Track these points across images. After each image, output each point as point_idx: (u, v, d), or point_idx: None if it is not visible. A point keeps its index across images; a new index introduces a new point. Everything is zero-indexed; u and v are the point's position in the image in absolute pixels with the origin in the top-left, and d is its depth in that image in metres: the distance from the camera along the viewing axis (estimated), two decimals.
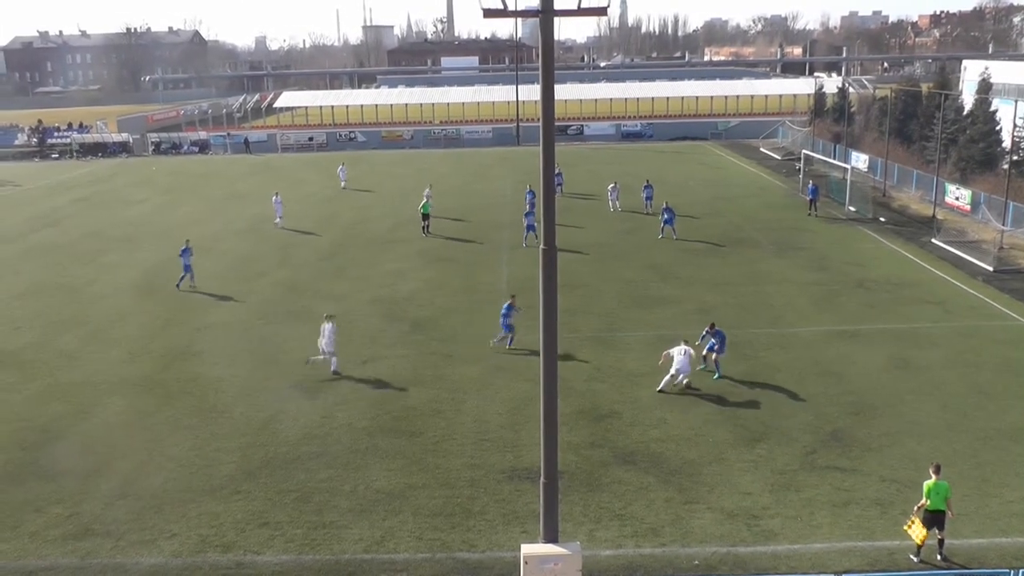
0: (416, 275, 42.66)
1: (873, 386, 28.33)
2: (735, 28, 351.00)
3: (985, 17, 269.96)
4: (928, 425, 25.44)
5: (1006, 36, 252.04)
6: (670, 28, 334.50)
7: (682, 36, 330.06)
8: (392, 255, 46.90)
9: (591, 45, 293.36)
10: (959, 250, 45.41)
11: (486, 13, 15.16)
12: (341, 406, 27.38)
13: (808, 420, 25.86)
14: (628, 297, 38.27)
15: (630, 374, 29.64)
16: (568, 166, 66.38)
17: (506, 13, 15.26)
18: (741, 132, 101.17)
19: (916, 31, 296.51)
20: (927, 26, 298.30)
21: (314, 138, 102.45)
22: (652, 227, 51.82)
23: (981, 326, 34.04)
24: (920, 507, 18.93)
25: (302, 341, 33.36)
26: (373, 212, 59.04)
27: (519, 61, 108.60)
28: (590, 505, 21.27)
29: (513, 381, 28.96)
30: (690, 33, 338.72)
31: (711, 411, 26.63)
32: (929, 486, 18.91)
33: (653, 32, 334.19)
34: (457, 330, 34.37)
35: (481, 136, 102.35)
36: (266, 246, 49.50)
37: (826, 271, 42.03)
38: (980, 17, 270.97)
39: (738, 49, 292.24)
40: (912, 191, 61.93)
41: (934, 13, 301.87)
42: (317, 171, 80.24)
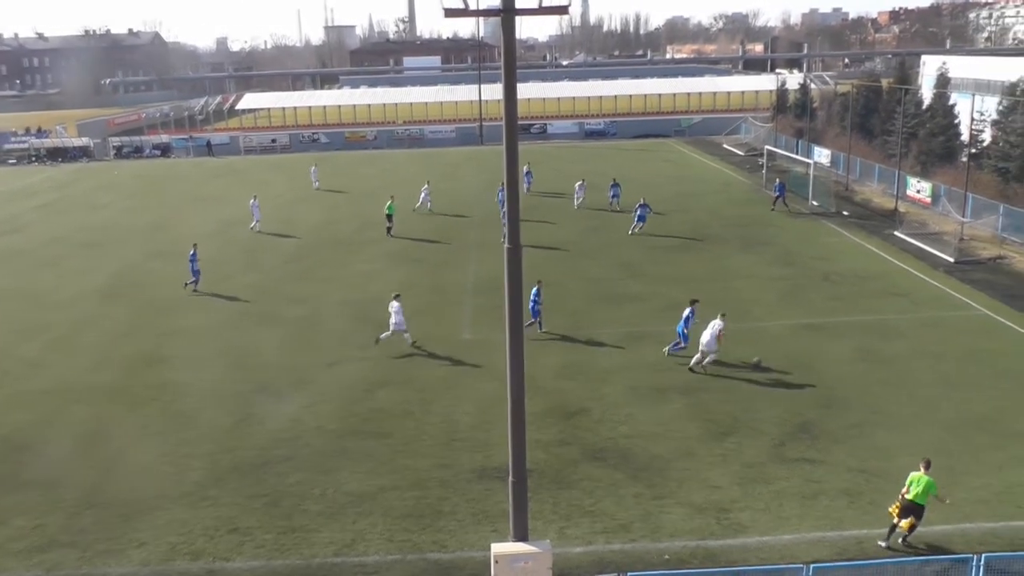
0: (385, 276, 42.50)
1: (840, 378, 28.56)
2: (697, 26, 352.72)
3: (942, 13, 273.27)
4: (895, 416, 25.68)
5: (963, 31, 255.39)
6: (632, 26, 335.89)
7: (644, 34, 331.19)
8: (361, 256, 46.71)
9: (553, 44, 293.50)
10: (921, 242, 45.90)
11: (447, 13, 15.11)
12: (310, 409, 27.24)
13: (776, 413, 26.03)
14: (595, 294, 38.34)
15: (598, 371, 29.70)
16: (533, 164, 66.36)
17: (467, 12, 15.21)
18: (704, 129, 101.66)
19: (876, 27, 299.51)
20: (886, 22, 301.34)
21: (277, 140, 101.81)
22: (619, 225, 51.97)
23: (945, 317, 34.43)
24: (903, 495, 19.18)
25: (270, 345, 33.20)
26: (341, 213, 58.79)
27: (481, 60, 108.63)
28: (560, 502, 21.29)
29: (482, 381, 28.93)
30: (652, 31, 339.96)
31: (680, 406, 26.73)
32: (912, 478, 19.16)
33: (615, 30, 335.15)
34: (426, 331, 34.27)
35: (445, 136, 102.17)
36: (233, 249, 49.15)
37: (792, 265, 42.33)
38: (938, 13, 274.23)
39: (700, 47, 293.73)
40: (874, 185, 62.51)
41: (893, 9, 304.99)
42: (282, 173, 79.76)
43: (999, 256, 43.30)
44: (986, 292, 37.49)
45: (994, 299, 36.52)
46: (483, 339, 32.97)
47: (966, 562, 16.68)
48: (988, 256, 43.44)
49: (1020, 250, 44.18)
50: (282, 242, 50.64)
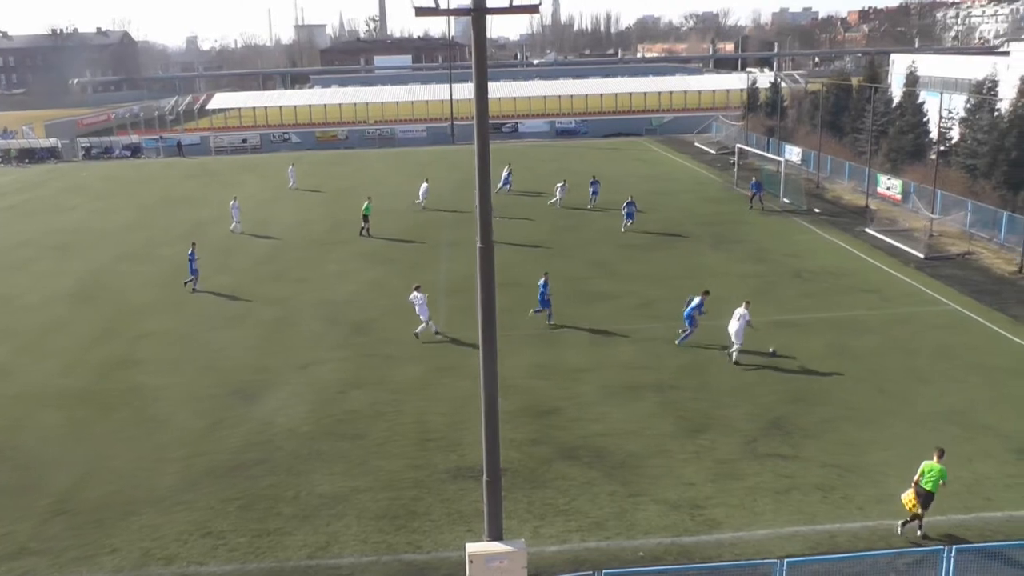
0: (357, 276, 42.40)
1: (812, 374, 28.77)
2: (667, 25, 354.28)
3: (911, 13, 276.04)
4: (866, 410, 25.91)
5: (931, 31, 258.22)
6: (603, 25, 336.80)
7: (615, 33, 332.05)
8: (334, 257, 46.56)
9: (524, 43, 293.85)
10: (892, 239, 46.30)
11: (418, 11, 15.11)
12: (282, 412, 27.12)
13: (749, 410, 26.18)
14: (568, 293, 38.36)
15: (571, 370, 29.76)
16: (504, 164, 66.34)
17: (438, 12, 15.21)
18: (676, 128, 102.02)
19: (845, 26, 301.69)
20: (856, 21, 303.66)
21: (248, 140, 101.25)
22: (593, 223, 52.13)
23: (915, 312, 34.74)
24: (915, 482, 19.49)
25: (243, 346, 33.02)
26: (313, 213, 58.54)
27: (452, 59, 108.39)
28: (534, 501, 21.32)
29: (455, 380, 28.91)
30: (623, 30, 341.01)
31: (653, 404, 26.83)
32: (925, 466, 19.47)
33: (586, 29, 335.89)
34: (398, 331, 34.21)
35: (416, 135, 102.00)
36: (205, 251, 48.56)
37: (764, 263, 42.57)
38: (906, 12, 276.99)
39: (671, 46, 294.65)
40: (845, 182, 62.97)
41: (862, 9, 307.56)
42: (253, 173, 79.33)
43: (967, 252, 43.73)
44: (955, 287, 37.87)
45: (963, 294, 36.90)
46: (456, 339, 32.94)
47: (937, 554, 16.85)
48: (957, 252, 43.86)
49: (988, 246, 44.66)
50: (255, 243, 50.37)
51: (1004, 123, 52.41)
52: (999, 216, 45.34)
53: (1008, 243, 43.75)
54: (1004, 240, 44.31)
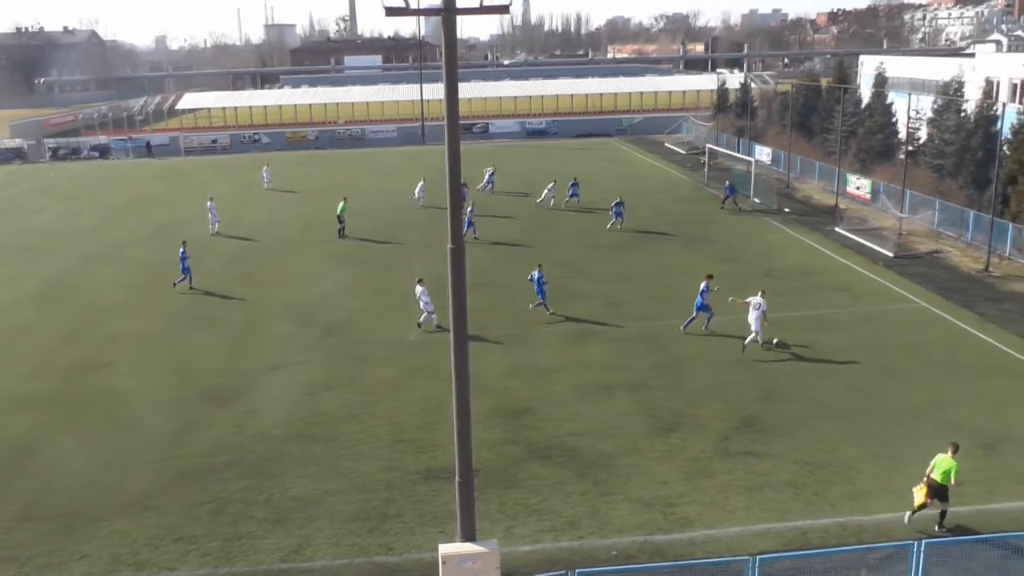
0: (328, 277, 42.24)
1: (783, 372, 28.95)
2: (638, 26, 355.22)
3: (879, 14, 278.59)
4: (837, 407, 26.10)
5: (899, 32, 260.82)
6: (573, 26, 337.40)
7: (585, 34, 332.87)
8: (305, 258, 46.35)
9: (494, 43, 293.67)
10: (861, 237, 46.67)
11: (388, 11, 15.05)
12: (253, 414, 26.96)
13: (721, 407, 26.30)
14: None
15: (543, 370, 29.77)
16: (474, 164, 66.32)
17: (408, 12, 15.16)
18: (646, 128, 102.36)
19: (815, 28, 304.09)
20: (825, 23, 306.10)
21: (218, 140, 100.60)
22: (565, 223, 52.24)
23: (885, 310, 35.04)
24: (927, 475, 19.72)
25: (213, 349, 32.80)
26: (284, 214, 58.26)
27: (423, 60, 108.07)
28: (507, 502, 21.30)
29: (427, 381, 28.85)
30: (593, 31, 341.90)
31: (625, 403, 26.89)
32: (937, 460, 19.74)
33: (556, 30, 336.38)
34: (370, 332, 34.12)
35: (386, 135, 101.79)
36: (175, 252, 48.20)
37: (735, 262, 42.77)
38: (875, 14, 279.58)
39: (641, 46, 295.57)
40: (815, 182, 63.41)
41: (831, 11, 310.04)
42: (223, 174, 78.86)
43: (935, 250, 44.17)
44: (924, 285, 38.23)
45: (931, 292, 37.27)
46: (428, 340, 32.91)
47: (907, 549, 16.98)
48: (925, 250, 44.29)
49: (955, 244, 45.11)
50: (225, 244, 50.04)
51: (970, 124, 53.00)
52: (966, 215, 45.81)
53: (975, 241, 44.21)
54: (971, 239, 44.77)
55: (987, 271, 40.37)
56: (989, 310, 34.97)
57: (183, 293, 40.21)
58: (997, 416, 25.30)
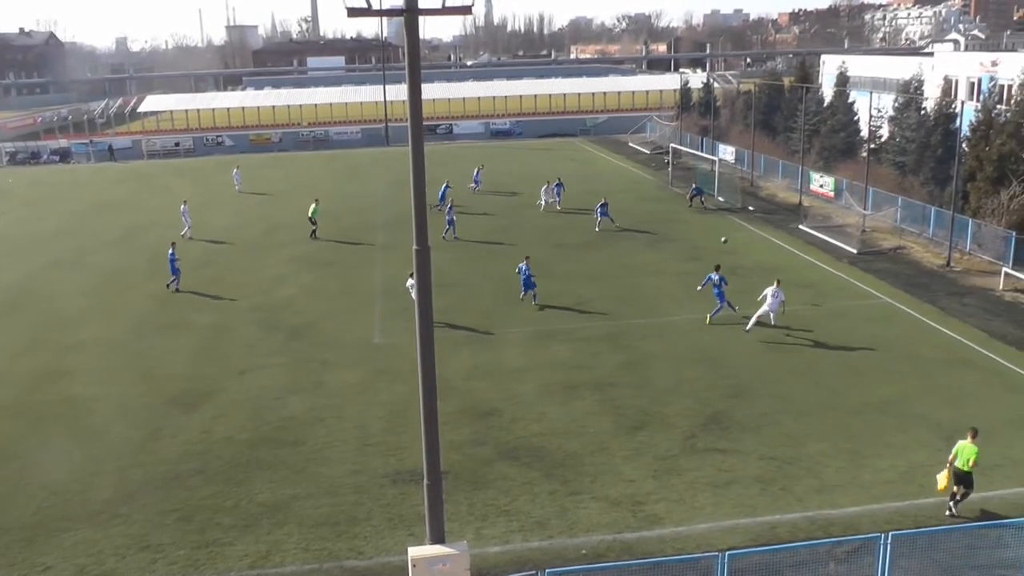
0: (294, 280, 42.02)
1: (749, 369, 29.13)
2: (600, 26, 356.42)
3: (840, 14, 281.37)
4: (803, 403, 26.31)
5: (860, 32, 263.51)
6: (536, 26, 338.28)
7: (548, 34, 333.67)
8: (270, 261, 46.07)
9: (458, 44, 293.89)
10: (825, 235, 47.07)
11: (350, 12, 15.00)
12: (220, 420, 26.75)
13: (687, 405, 26.43)
14: (504, 294, 38.40)
15: (509, 370, 29.78)
16: (440, 165, 66.31)
17: (370, 12, 15.12)
18: (610, 128, 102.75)
19: (776, 28, 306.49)
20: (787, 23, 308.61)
21: (180, 143, 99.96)
22: (534, 223, 52.27)
23: (850, 306, 35.38)
24: (950, 462, 20.04)
25: (178, 354, 32.51)
26: (248, 217, 57.87)
27: (386, 60, 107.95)
28: (475, 503, 21.29)
29: (393, 384, 28.77)
30: (556, 31, 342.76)
31: (591, 403, 26.95)
32: (958, 447, 20.02)
33: (519, 31, 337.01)
34: (336, 335, 33.97)
35: (350, 137, 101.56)
36: (138, 257, 47.97)
37: (699, 260, 42.94)
38: (836, 15, 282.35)
39: (604, 47, 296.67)
40: (778, 180, 63.87)
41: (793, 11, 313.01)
42: (187, 177, 78.22)
43: (899, 246, 44.63)
44: (887, 281, 38.65)
45: (895, 287, 37.68)
46: (393, 342, 32.81)
47: (874, 541, 17.14)
48: (888, 247, 44.75)
49: (917, 240, 45.59)
50: (190, 247, 49.52)
51: (930, 122, 53.59)
52: (927, 211, 46.31)
53: (936, 237, 44.70)
54: (933, 234, 45.26)
55: (948, 266, 40.85)
56: (951, 304, 35.39)
57: (152, 296, 39.83)
58: (959, 408, 25.58)
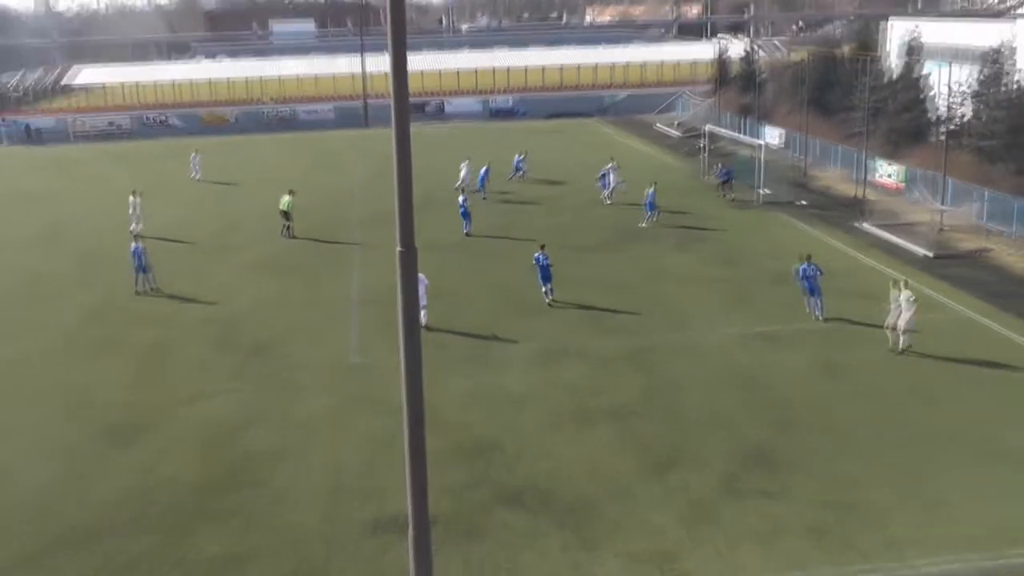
0: (255, 288, 42.04)
1: (799, 396, 29.04)
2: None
3: None
4: (865, 437, 26.19)
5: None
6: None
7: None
8: (226, 264, 46.14)
9: (451, 5, 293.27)
10: (891, 234, 46.99)
11: None
12: (162, 456, 26.69)
13: (725, 440, 26.33)
14: (505, 303, 38.41)
15: (511, 397, 29.73)
16: (427, 153, 66.31)
17: None
18: (632, 106, 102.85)
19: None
20: None
21: (117, 123, 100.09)
22: (541, 219, 52.23)
23: (921, 320, 35.19)
24: None
25: (111, 378, 32.46)
26: (200, 212, 57.95)
27: (365, 25, 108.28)
28: (471, 558, 21.24)
29: (373, 415, 28.71)
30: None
31: (610, 435, 26.87)
32: None
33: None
34: (304, 355, 33.93)
35: (322, 116, 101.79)
36: (65, 259, 48.01)
37: (737, 265, 42.93)
38: None
39: (625, 8, 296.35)
40: (835, 169, 63.87)
41: None
42: (124, 164, 78.40)
43: (982, 249, 44.52)
44: (967, 290, 38.57)
45: (976, 298, 37.61)
46: (373, 363, 32.78)
47: None
48: (969, 249, 44.67)
49: (1006, 241, 45.48)
50: (127, 250, 49.38)
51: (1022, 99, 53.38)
52: (1017, 206, 46.16)
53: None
54: None
55: None
56: None
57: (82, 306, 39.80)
58: None
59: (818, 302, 35.51)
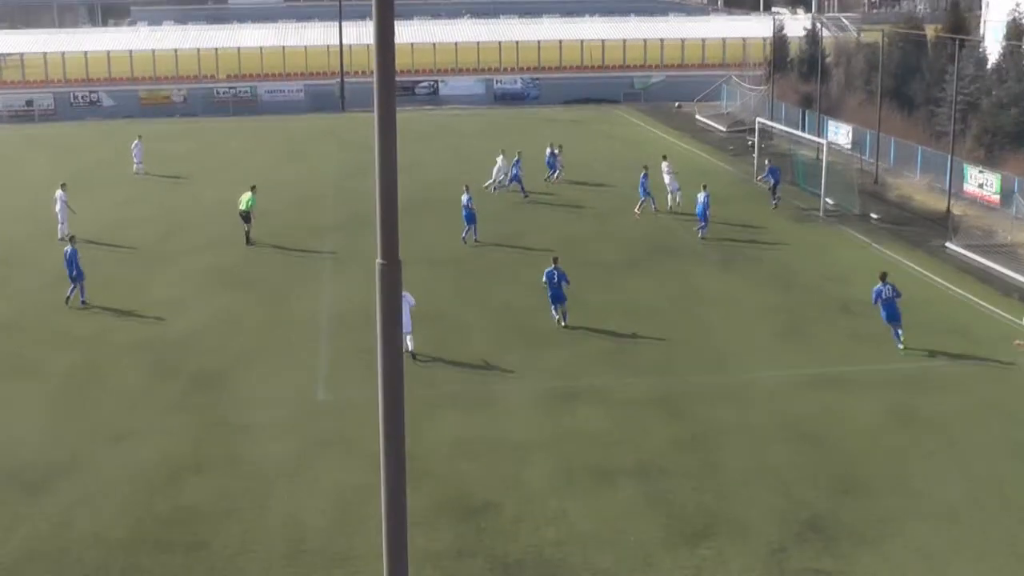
0: (201, 304, 42.12)
1: (866, 452, 29.00)
2: None
3: None
4: (946, 503, 26.14)
5: None
6: None
7: None
8: (165, 276, 46.22)
9: None
10: (985, 258, 46.92)
11: None
12: (84, 507, 26.67)
13: (774, 504, 26.31)
14: (509, 330, 38.47)
15: (513, 445, 29.72)
16: (417, 144, 66.25)
17: None
18: (668, 92, 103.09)
19: None
20: None
21: (36, 102, 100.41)
22: (549, 230, 52.24)
23: (1019, 363, 35.24)
24: None
25: (23, 410, 32.48)
26: (136, 211, 58.09)
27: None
28: None
29: (342, 461, 28.71)
30: None
31: (633, 495, 26.85)
32: None
33: None
34: (260, 387, 33.94)
35: (289, 98, 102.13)
36: None
37: (793, 290, 42.96)
38: None
39: None
40: (916, 176, 63.88)
41: None
42: (43, 151, 78.65)
43: None
44: None
45: None
46: (345, 400, 32.81)
47: None
48: None
49: None
50: (45, 254, 49.62)
51: None
52: None
53: None
54: None
55: None
56: None
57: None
58: None
59: (898, 329, 35.80)
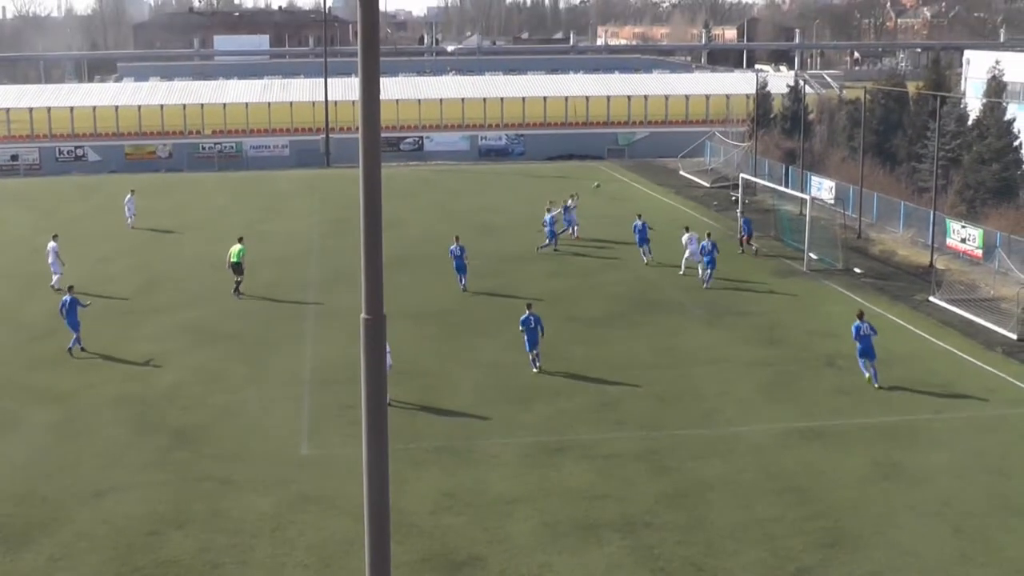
0: (183, 359, 42.00)
1: (853, 506, 28.97)
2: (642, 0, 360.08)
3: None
4: (934, 558, 26.14)
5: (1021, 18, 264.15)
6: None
7: (565, 9, 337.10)
8: (146, 330, 46.11)
9: (434, 21, 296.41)
10: (969, 311, 46.98)
11: None
12: (62, 564, 26.54)
13: (760, 558, 26.26)
14: (493, 385, 38.42)
15: (498, 500, 29.66)
16: (401, 199, 66.23)
17: None
18: (652, 148, 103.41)
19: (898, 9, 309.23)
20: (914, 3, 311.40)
21: (20, 156, 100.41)
22: (532, 284, 52.23)
23: (1006, 416, 35.31)
24: None
25: (4, 465, 32.30)
26: (117, 266, 58.01)
27: (329, 43, 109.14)
28: None
29: (324, 517, 28.61)
30: (577, 4, 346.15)
31: (618, 550, 26.79)
32: None
33: (523, 3, 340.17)
34: (243, 442, 33.82)
35: (274, 153, 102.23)
36: None
37: (780, 345, 43.00)
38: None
39: (646, 30, 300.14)
40: (899, 231, 64.05)
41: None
42: (25, 207, 78.58)
43: None
44: None
45: None
46: (328, 455, 32.73)
47: None
48: None
49: None
50: (27, 309, 49.55)
51: None
52: None
53: None
54: None
55: None
56: None
57: None
58: None
59: (872, 366, 36.71)
